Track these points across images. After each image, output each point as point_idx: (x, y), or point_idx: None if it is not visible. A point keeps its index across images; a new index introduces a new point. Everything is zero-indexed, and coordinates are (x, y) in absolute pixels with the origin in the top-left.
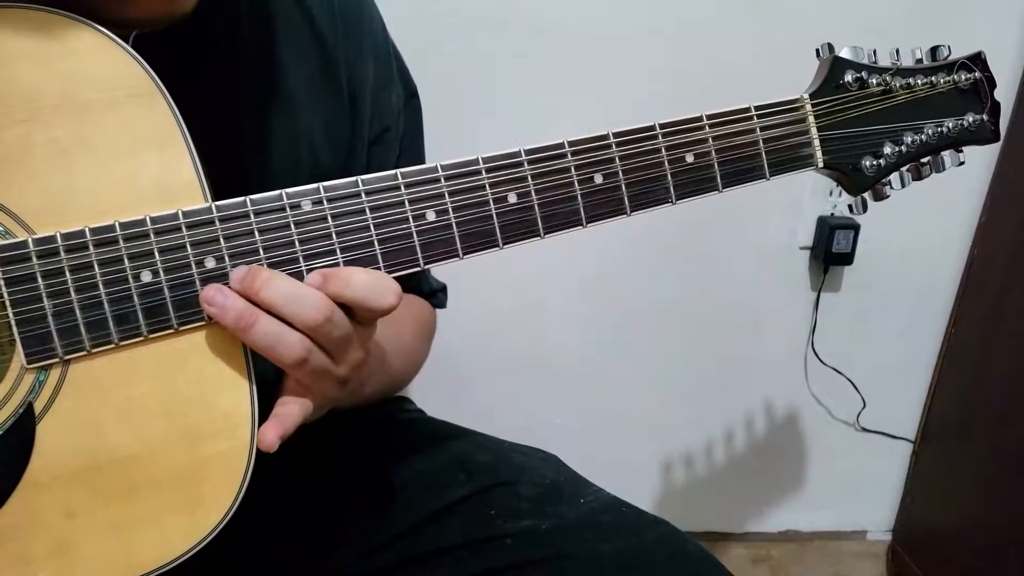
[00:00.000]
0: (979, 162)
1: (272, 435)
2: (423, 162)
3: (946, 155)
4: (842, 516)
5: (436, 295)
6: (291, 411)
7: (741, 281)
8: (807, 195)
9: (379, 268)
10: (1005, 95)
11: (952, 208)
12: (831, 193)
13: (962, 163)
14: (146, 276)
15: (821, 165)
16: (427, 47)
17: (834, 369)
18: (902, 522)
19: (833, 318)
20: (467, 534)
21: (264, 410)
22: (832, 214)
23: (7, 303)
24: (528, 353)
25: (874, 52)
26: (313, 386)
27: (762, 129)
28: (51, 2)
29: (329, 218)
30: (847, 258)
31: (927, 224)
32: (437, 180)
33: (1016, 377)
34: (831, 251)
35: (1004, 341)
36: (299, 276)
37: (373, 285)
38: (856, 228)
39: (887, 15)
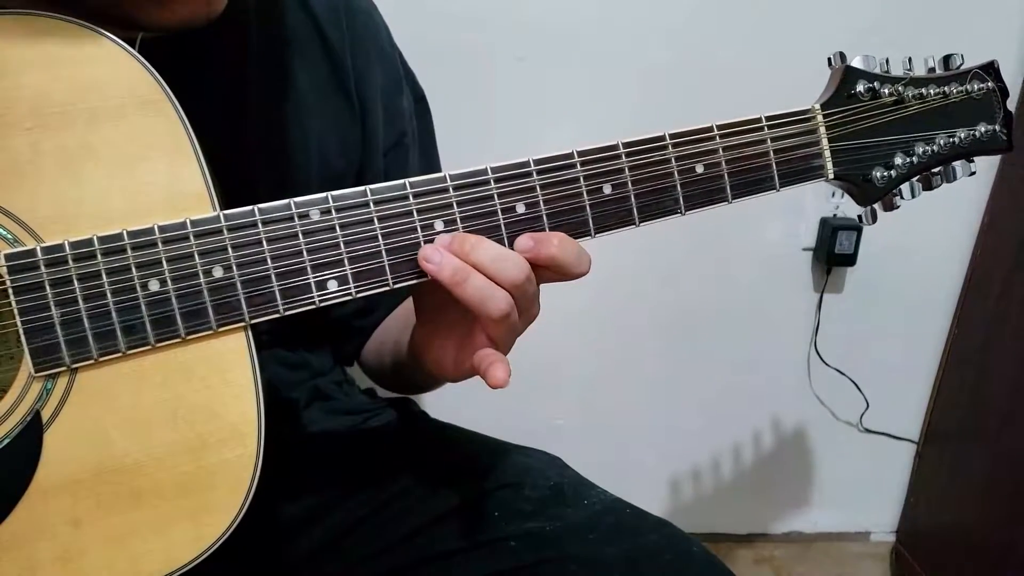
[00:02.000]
0: (982, 163)
1: (503, 372)
2: (438, 165)
3: (957, 165)
4: (845, 517)
5: None
6: (502, 356)
7: (743, 282)
8: (809, 196)
9: (387, 279)
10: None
11: (955, 209)
12: (833, 194)
13: (973, 173)
14: (154, 285)
15: (832, 176)
16: (427, 50)
17: (837, 370)
18: (906, 523)
19: (836, 319)
20: (471, 536)
21: (270, 420)
22: (835, 215)
23: (15, 311)
24: (531, 355)
25: (886, 61)
26: (503, 340)
27: (773, 140)
28: (88, 6)
29: (337, 228)
30: (850, 259)
31: (930, 225)
32: (446, 190)
33: (1019, 377)
34: (834, 252)
35: (1007, 342)
36: (307, 288)
37: (577, 252)
38: (859, 229)
39: (889, 22)
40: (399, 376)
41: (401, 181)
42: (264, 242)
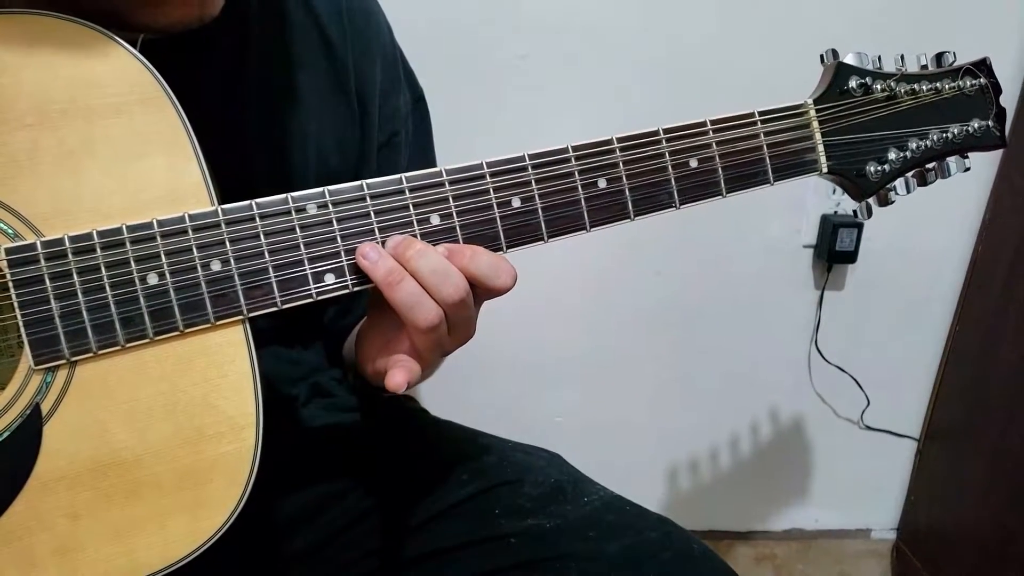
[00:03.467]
0: (983, 161)
1: (402, 377)
2: (434, 165)
3: (951, 161)
4: (846, 515)
5: None
6: (413, 365)
7: (744, 279)
8: (810, 193)
9: None
10: (1008, 95)
11: (956, 206)
12: (834, 191)
13: (967, 169)
14: (152, 279)
15: (825, 171)
16: (428, 48)
17: (838, 367)
18: (906, 521)
19: (837, 316)
20: (471, 534)
21: (267, 414)
22: (835, 212)
23: (15, 305)
24: (531, 352)
25: (879, 58)
26: (426, 353)
27: (766, 134)
28: (79, 8)
29: (334, 222)
30: (851, 256)
31: (931, 222)
32: (441, 184)
33: (1021, 375)
34: (835, 249)
35: (1008, 339)
36: (304, 281)
37: (495, 265)
38: (860, 226)
39: (888, 20)
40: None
41: (397, 176)
42: (262, 236)
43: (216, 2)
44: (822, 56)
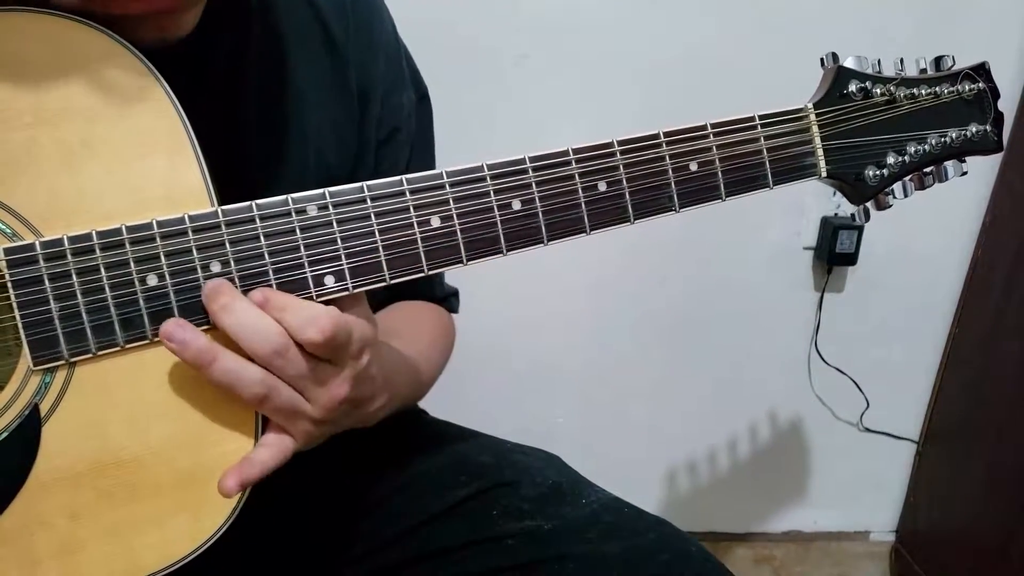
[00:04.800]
0: (983, 164)
1: (231, 482)
2: (433, 165)
3: (949, 165)
4: (845, 517)
5: (448, 300)
6: (260, 458)
7: (744, 282)
8: (810, 196)
9: (384, 275)
10: (1007, 98)
11: (956, 209)
12: (834, 194)
13: (965, 173)
14: (152, 280)
15: (824, 175)
16: (429, 47)
17: (837, 369)
18: (905, 523)
19: (836, 318)
20: (469, 535)
21: (266, 416)
22: (836, 214)
23: (14, 305)
24: (530, 354)
25: (878, 62)
26: (286, 426)
27: (766, 138)
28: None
29: (334, 223)
30: (851, 258)
31: (931, 225)
32: (442, 187)
33: (1020, 377)
34: (835, 251)
35: (1008, 341)
36: (304, 283)
37: (306, 315)
38: (860, 229)
39: (888, 24)
40: None
41: (398, 178)
42: (262, 237)
43: (183, 25)
44: (822, 59)
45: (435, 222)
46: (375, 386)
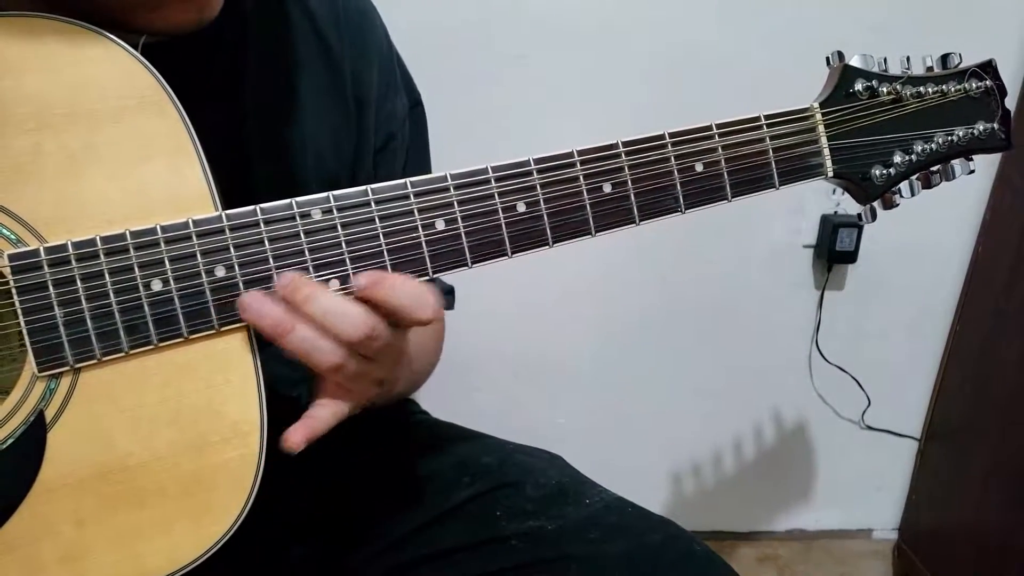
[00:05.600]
0: (983, 161)
1: (298, 437)
2: (429, 171)
3: (956, 163)
4: (848, 515)
5: (445, 297)
6: (322, 415)
7: (745, 280)
8: (810, 194)
9: None
10: (1009, 94)
11: (956, 206)
12: (834, 192)
13: (972, 171)
14: (156, 285)
15: (831, 174)
16: (428, 48)
17: (839, 367)
18: (908, 521)
19: (837, 316)
20: (473, 535)
21: (272, 418)
22: (835, 212)
23: (19, 311)
24: (533, 354)
25: (884, 60)
26: (351, 388)
27: (772, 138)
28: (79, 11)
29: (339, 227)
30: (851, 256)
31: (931, 222)
32: (447, 189)
33: (1021, 374)
34: (835, 249)
35: (1009, 338)
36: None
37: (416, 296)
38: (860, 227)
39: (889, 21)
40: None
41: (402, 181)
42: (266, 241)
43: (214, 5)
44: (828, 58)
45: (439, 225)
46: (410, 354)
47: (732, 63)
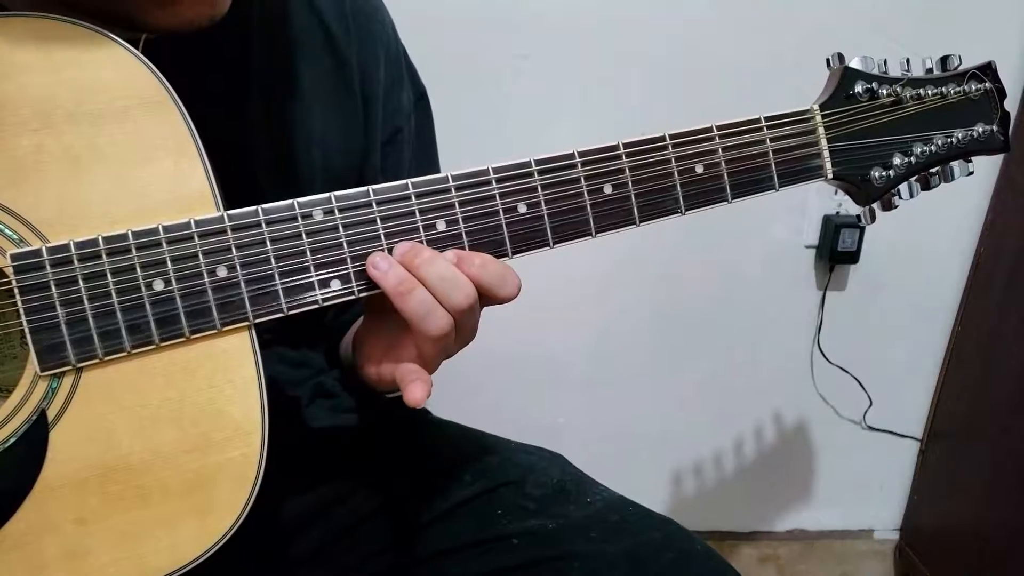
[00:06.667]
0: (986, 162)
1: (421, 392)
2: (436, 164)
3: (955, 165)
4: (849, 515)
5: None
6: (426, 376)
7: (746, 280)
8: (812, 194)
9: None
10: (1010, 95)
11: (958, 207)
12: (836, 192)
13: (971, 173)
14: (158, 285)
15: (831, 176)
16: (429, 48)
17: (840, 368)
18: (909, 521)
19: (839, 317)
20: (474, 534)
21: (273, 417)
22: (837, 213)
23: (21, 311)
24: (534, 354)
25: (884, 62)
26: (432, 358)
27: (772, 140)
28: (91, 8)
29: (340, 228)
30: (852, 257)
31: (933, 222)
32: (447, 190)
33: (1023, 375)
34: (836, 250)
35: (1010, 339)
36: (310, 287)
37: (501, 274)
38: (861, 227)
39: (891, 23)
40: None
41: (403, 181)
42: (268, 242)
43: (226, 0)
44: (828, 60)
45: (441, 226)
46: None
47: (733, 64)
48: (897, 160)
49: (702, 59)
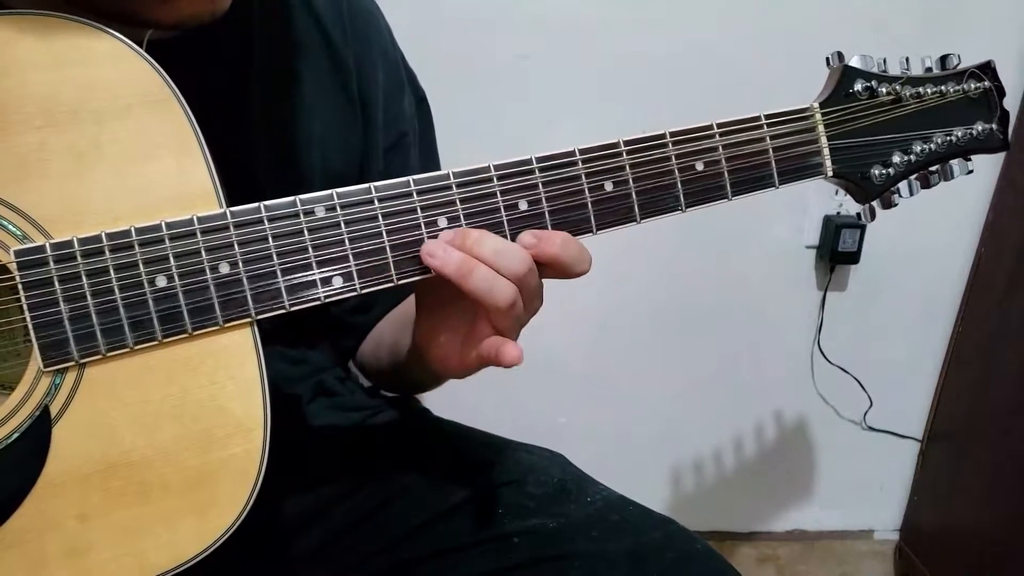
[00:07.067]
0: (986, 162)
1: (517, 351)
2: (438, 165)
3: (955, 163)
4: (849, 515)
5: None
6: (512, 340)
7: (747, 280)
8: (813, 194)
9: (391, 275)
10: (1011, 94)
11: (959, 207)
12: (837, 192)
13: (970, 171)
14: (161, 281)
15: (830, 174)
16: (429, 48)
17: (840, 368)
18: (909, 521)
19: (839, 317)
20: (474, 533)
21: (274, 415)
22: (838, 213)
23: (24, 307)
24: (534, 353)
25: (884, 61)
26: (509, 330)
27: (772, 138)
28: (94, 4)
29: (342, 224)
30: (853, 257)
31: (933, 223)
32: (449, 187)
33: (1023, 376)
34: (837, 250)
35: (1011, 340)
36: (312, 284)
37: (578, 251)
38: (862, 227)
39: (892, 22)
40: (399, 377)
41: (405, 179)
42: (270, 238)
43: None
44: (828, 59)
45: (442, 223)
46: None
47: (733, 62)
48: (897, 158)
49: (702, 58)
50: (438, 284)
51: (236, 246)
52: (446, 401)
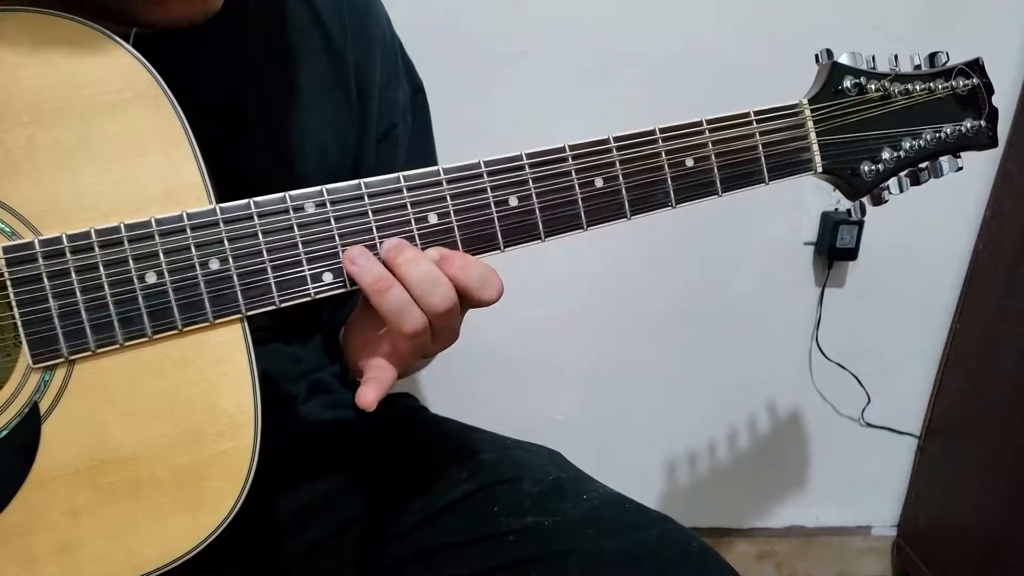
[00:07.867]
0: (983, 158)
1: (373, 395)
2: (433, 158)
3: (944, 160)
4: (847, 512)
5: None
6: (387, 376)
7: (745, 277)
8: (810, 191)
9: None
10: (1007, 91)
11: (957, 204)
12: (834, 189)
13: (960, 168)
14: (151, 277)
15: (820, 170)
16: (428, 44)
17: (838, 364)
18: (907, 517)
19: (837, 314)
20: (470, 531)
21: (266, 414)
22: (836, 209)
23: (13, 304)
24: (531, 350)
25: (873, 58)
26: (408, 356)
27: (762, 134)
28: (79, 4)
29: (332, 220)
30: (851, 253)
31: (931, 219)
32: (439, 184)
33: (1021, 372)
34: (835, 246)
35: (1009, 336)
36: (302, 280)
37: (484, 276)
38: (860, 223)
39: (887, 20)
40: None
41: (395, 175)
42: (260, 235)
43: None
44: (817, 56)
45: (432, 219)
46: None
47: (732, 61)
48: (886, 154)
49: (701, 57)
50: None
51: (226, 242)
52: (443, 398)
